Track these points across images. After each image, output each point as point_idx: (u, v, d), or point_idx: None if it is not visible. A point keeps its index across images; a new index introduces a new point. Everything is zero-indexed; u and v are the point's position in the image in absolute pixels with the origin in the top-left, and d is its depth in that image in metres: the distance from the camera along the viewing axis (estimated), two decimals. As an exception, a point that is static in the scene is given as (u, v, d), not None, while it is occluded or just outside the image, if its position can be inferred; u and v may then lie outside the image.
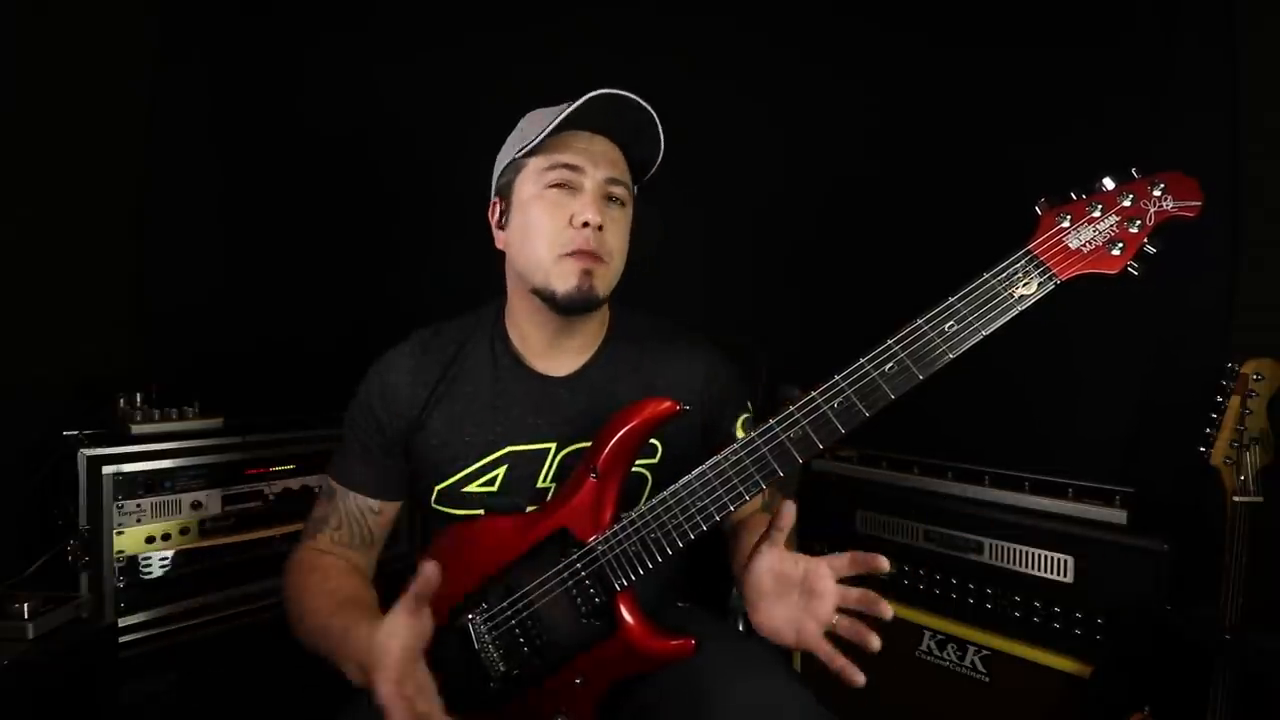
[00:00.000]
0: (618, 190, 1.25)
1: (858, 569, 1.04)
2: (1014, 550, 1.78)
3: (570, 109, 1.18)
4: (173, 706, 1.83)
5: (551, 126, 1.19)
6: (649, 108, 1.22)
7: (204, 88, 2.42)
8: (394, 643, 1.00)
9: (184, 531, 1.92)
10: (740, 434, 1.20)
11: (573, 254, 1.20)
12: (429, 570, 1.02)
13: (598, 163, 1.23)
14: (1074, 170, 1.04)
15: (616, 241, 1.25)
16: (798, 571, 1.05)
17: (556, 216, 1.21)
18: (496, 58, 2.58)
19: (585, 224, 1.19)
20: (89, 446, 1.80)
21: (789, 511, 1.05)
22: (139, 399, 2.00)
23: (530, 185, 1.25)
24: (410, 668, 1.00)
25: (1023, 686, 1.73)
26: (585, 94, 1.18)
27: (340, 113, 2.58)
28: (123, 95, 2.24)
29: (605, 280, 1.24)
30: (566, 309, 1.24)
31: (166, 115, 2.33)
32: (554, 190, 1.22)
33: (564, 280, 1.21)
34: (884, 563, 1.02)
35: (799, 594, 1.05)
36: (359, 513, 1.32)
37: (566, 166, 1.22)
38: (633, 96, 1.20)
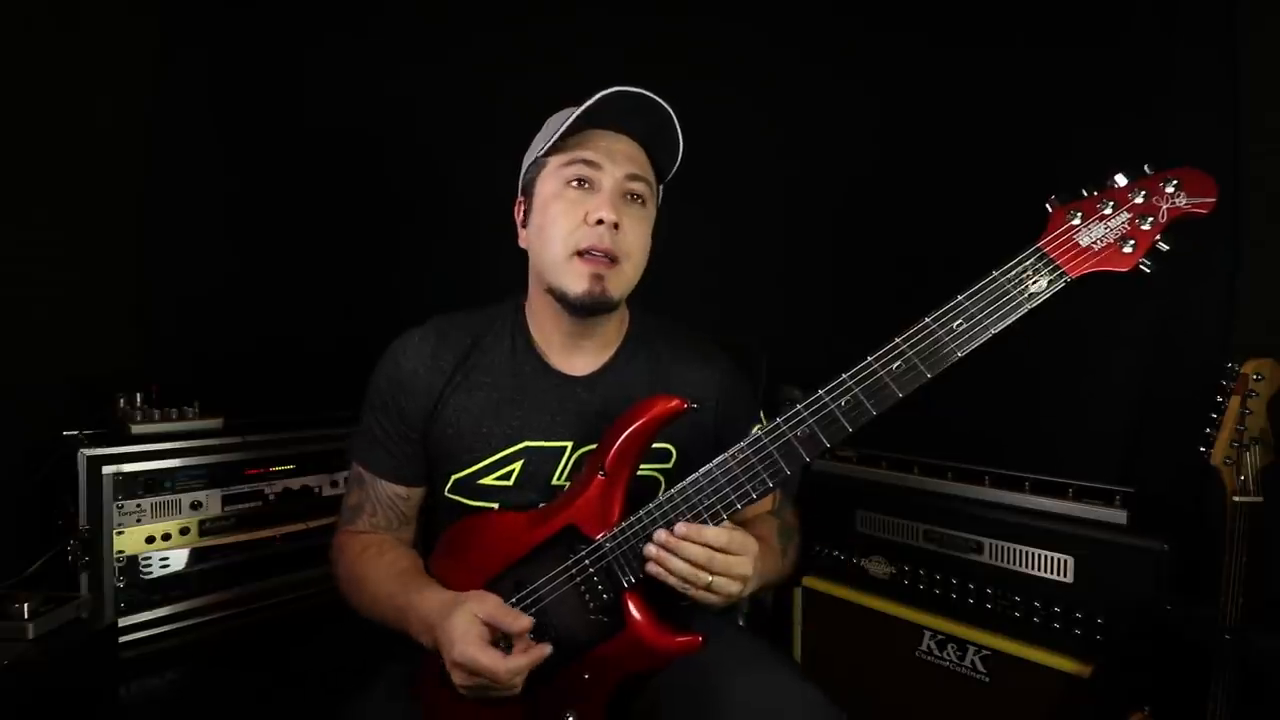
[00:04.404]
0: (638, 186, 1.25)
1: None
2: (1014, 550, 1.78)
3: (589, 104, 1.18)
4: (172, 706, 1.83)
5: (569, 123, 1.20)
6: (666, 105, 1.22)
7: (205, 87, 2.42)
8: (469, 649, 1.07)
9: (184, 531, 1.92)
10: None
11: (585, 253, 1.20)
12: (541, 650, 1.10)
13: (617, 159, 1.23)
14: (1074, 170, 1.03)
15: (635, 241, 1.24)
16: None
17: (573, 214, 1.22)
18: (500, 59, 2.58)
19: (600, 221, 1.19)
20: (89, 446, 1.80)
21: None
22: (139, 399, 2.00)
23: (550, 183, 1.25)
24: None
25: (1023, 686, 1.73)
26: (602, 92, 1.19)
27: (342, 112, 2.58)
28: (124, 95, 2.24)
29: (619, 282, 1.24)
30: (578, 310, 1.24)
31: (167, 115, 2.33)
32: (573, 189, 1.23)
33: (576, 281, 1.21)
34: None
35: None
36: (390, 498, 1.33)
37: (585, 162, 1.22)
38: (649, 94, 1.21)
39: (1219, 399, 1.46)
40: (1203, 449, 1.47)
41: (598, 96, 1.18)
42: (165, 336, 2.34)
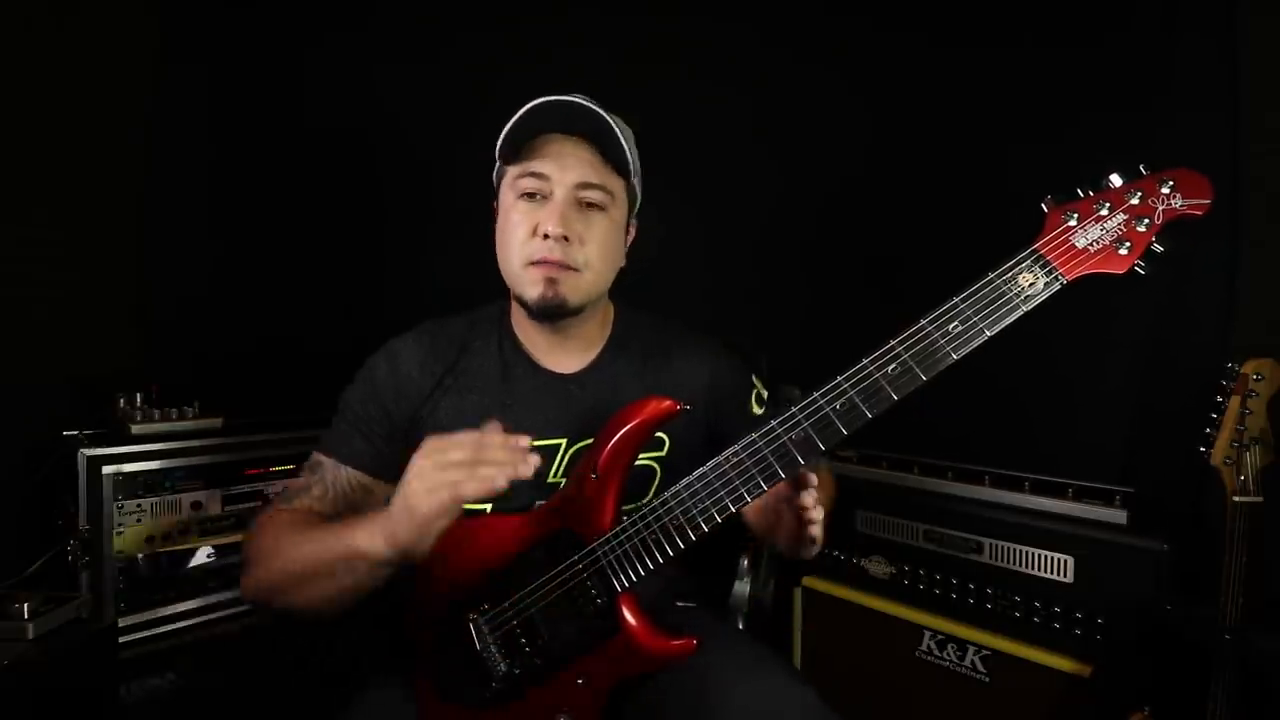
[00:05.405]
0: (592, 195, 1.23)
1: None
2: (1014, 550, 1.78)
3: (515, 120, 1.20)
4: (172, 706, 1.83)
5: (504, 138, 1.21)
6: (601, 111, 1.22)
7: (204, 88, 2.42)
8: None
9: (184, 531, 1.92)
10: (757, 410, 1.27)
11: (537, 263, 1.21)
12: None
13: (568, 166, 1.22)
14: (1074, 170, 1.03)
15: (594, 249, 1.23)
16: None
17: (525, 225, 1.22)
18: (494, 59, 2.58)
19: (547, 235, 1.19)
20: (89, 446, 1.80)
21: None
22: (139, 399, 2.00)
23: (508, 194, 1.26)
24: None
25: (1023, 686, 1.73)
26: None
27: (339, 113, 2.58)
28: (123, 96, 2.24)
29: (578, 288, 1.23)
30: (537, 315, 1.25)
31: (166, 116, 2.33)
32: (524, 200, 1.23)
33: (531, 288, 1.22)
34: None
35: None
36: (348, 485, 1.28)
37: (534, 175, 1.22)
38: (580, 102, 1.21)
39: (1219, 399, 1.46)
40: (1203, 449, 1.47)
41: (522, 111, 1.19)
42: (165, 336, 2.34)
